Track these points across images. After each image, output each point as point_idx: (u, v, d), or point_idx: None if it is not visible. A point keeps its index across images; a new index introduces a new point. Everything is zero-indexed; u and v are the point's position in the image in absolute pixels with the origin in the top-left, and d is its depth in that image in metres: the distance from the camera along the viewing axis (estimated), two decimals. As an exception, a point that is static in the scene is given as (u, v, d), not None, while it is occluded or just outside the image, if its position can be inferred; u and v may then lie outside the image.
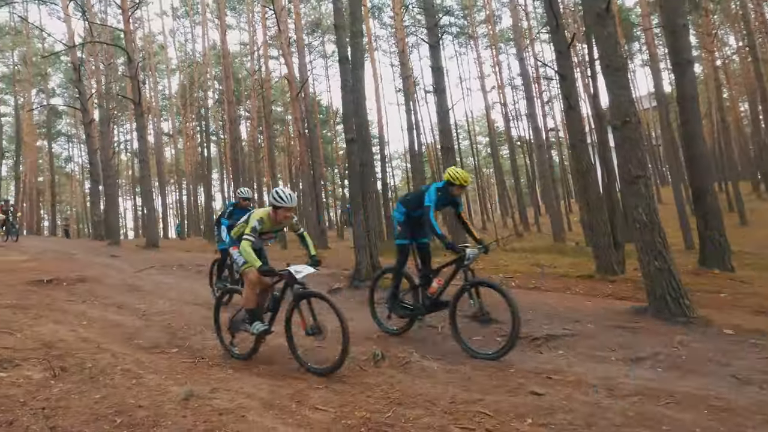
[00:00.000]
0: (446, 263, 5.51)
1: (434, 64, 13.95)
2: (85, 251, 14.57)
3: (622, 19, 29.69)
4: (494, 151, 30.38)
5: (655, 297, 5.39)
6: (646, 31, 22.73)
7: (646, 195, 5.53)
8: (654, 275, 5.41)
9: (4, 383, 3.57)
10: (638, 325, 5.22)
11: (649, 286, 5.53)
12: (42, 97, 33.32)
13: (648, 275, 5.52)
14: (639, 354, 4.47)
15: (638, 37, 32.71)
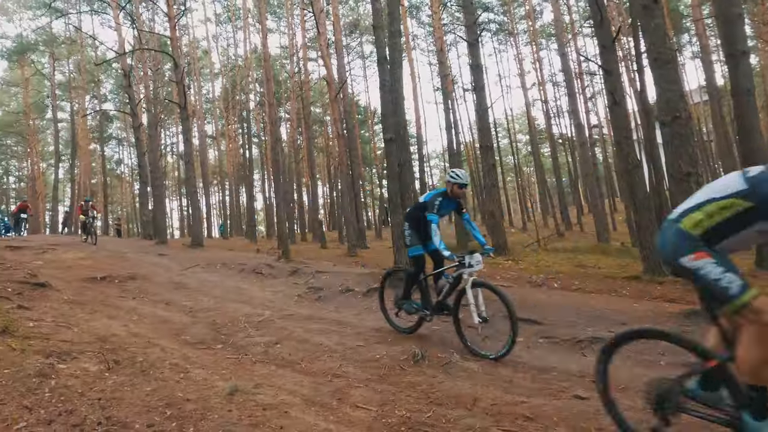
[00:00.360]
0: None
1: (473, 62, 13.81)
2: (134, 250, 15.19)
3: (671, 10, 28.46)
4: (535, 149, 29.77)
5: (708, 299, 5.14)
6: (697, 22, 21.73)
7: (697, 193, 5.29)
8: (707, 277, 5.16)
9: (63, 374, 3.76)
10: (689, 329, 5.00)
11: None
12: (95, 103, 35.03)
13: (700, 277, 5.27)
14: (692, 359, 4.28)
15: (688, 28, 31.32)
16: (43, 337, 4.72)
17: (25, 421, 2.91)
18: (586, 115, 28.22)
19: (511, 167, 42.82)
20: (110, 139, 40.58)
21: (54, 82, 33.88)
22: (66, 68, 34.54)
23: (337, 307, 7.22)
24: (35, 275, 8.60)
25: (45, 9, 28.62)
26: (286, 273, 10.12)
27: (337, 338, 5.50)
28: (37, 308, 6.30)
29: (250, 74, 31.87)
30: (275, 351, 5.20)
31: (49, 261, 11.13)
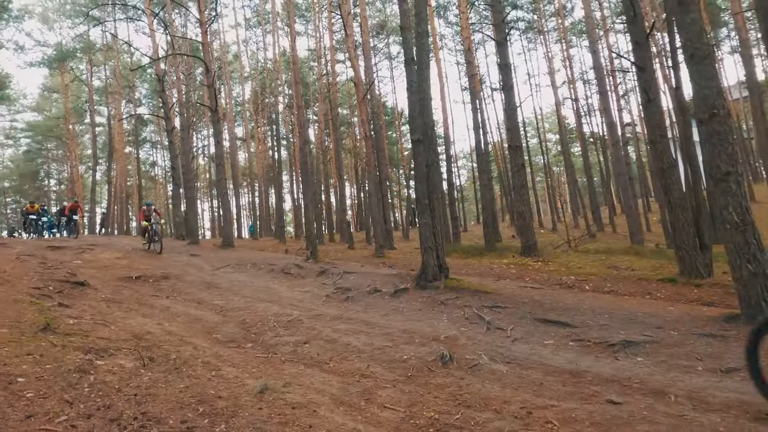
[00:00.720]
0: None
1: (501, 61, 13.66)
2: (167, 250, 15.58)
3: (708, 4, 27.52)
4: (565, 148, 29.21)
5: (749, 303, 4.96)
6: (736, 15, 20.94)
7: (737, 193, 5.10)
8: (747, 280, 4.98)
9: (101, 370, 3.89)
10: (729, 333, 4.83)
11: (741, 291, 5.10)
12: (130, 107, 36.07)
13: (740, 280, 5.09)
14: (730, 365, 4.14)
15: (726, 22, 30.25)
16: (83, 334, 4.89)
17: (66, 415, 3.02)
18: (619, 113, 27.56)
19: (540, 167, 42.15)
20: (145, 142, 41.77)
21: (92, 87, 35.07)
22: (103, 74, 35.74)
23: (365, 307, 7.25)
24: (74, 274, 8.93)
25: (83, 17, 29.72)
26: (315, 273, 10.21)
27: (365, 338, 5.52)
28: (77, 306, 6.54)
29: (279, 77, 32.29)
30: (304, 350, 5.26)
31: (87, 261, 11.52)
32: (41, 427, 2.81)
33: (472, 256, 14.05)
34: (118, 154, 34.67)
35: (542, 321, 5.71)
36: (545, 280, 9.11)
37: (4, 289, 6.36)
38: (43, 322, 4.88)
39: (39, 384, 3.44)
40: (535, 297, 6.88)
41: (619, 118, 26.98)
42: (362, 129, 18.94)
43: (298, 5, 32.28)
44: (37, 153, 42.74)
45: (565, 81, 32.94)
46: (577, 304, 6.38)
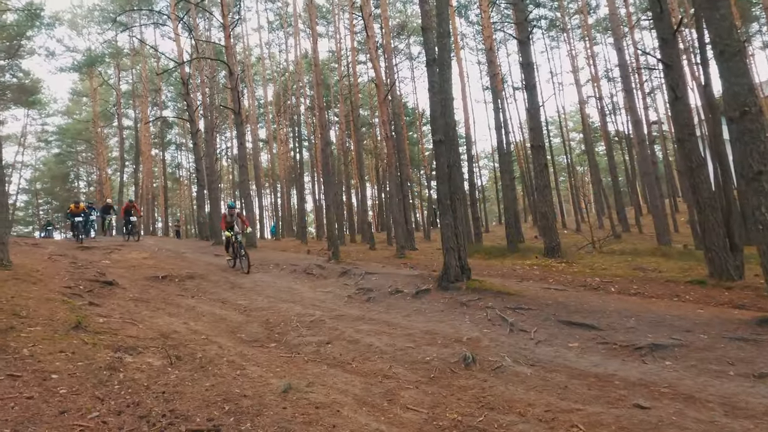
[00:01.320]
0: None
1: (524, 60, 13.52)
2: (192, 250, 15.86)
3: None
4: (589, 147, 28.66)
5: (783, 306, 4.80)
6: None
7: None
8: (781, 282, 4.83)
9: (130, 368, 3.99)
10: (762, 337, 4.69)
11: (775, 294, 4.95)
12: (156, 110, 36.84)
13: (774, 282, 4.94)
14: (763, 369, 4.02)
15: (757, 16, 29.35)
16: (112, 333, 5.02)
17: (98, 411, 3.10)
18: (645, 111, 26.88)
19: (563, 167, 41.54)
20: (170, 144, 42.60)
21: (119, 91, 35.94)
22: (130, 78, 36.58)
23: (387, 308, 7.26)
24: (104, 274, 9.16)
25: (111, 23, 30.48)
26: (336, 274, 10.26)
27: (387, 339, 5.53)
28: (106, 305, 6.71)
29: (300, 79, 32.57)
30: (326, 351, 5.29)
31: (115, 260, 11.80)
32: (74, 423, 2.89)
33: (494, 257, 13.94)
34: (145, 156, 35.42)
35: (567, 323, 5.63)
36: (569, 281, 8.98)
37: (38, 288, 6.56)
38: (74, 321, 5.02)
39: (72, 381, 3.54)
40: (559, 299, 6.79)
41: (645, 117, 26.39)
42: (383, 130, 18.97)
43: (320, 7, 32.50)
44: (68, 156, 43.97)
45: (589, 79, 32.43)
46: (603, 306, 6.27)
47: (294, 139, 34.70)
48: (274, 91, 38.16)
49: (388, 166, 19.11)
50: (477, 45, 34.41)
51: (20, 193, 43.75)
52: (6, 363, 3.72)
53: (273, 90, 38.39)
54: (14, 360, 3.80)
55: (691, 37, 21.08)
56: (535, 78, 13.81)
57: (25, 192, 45.18)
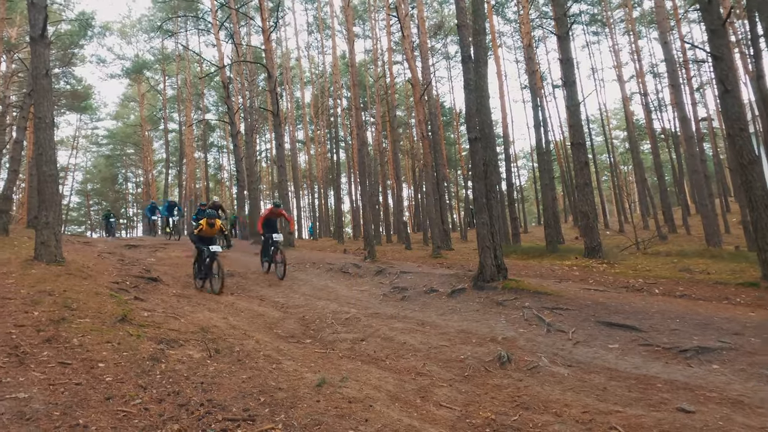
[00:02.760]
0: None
1: (563, 56, 13.20)
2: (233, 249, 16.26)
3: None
4: (633, 145, 27.71)
5: (843, 310, 4.50)
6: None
7: (829, 189, 4.65)
8: (841, 284, 4.53)
9: (172, 359, 4.13)
10: (820, 342, 4.42)
11: (834, 296, 4.64)
12: (199, 113, 38.05)
13: (833, 284, 4.64)
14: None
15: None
16: (155, 326, 5.22)
17: (140, 398, 3.23)
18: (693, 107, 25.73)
19: (606, 166, 40.30)
20: (212, 146, 43.89)
21: (165, 96, 37.37)
22: (175, 83, 37.93)
23: (422, 307, 7.24)
24: (149, 271, 9.53)
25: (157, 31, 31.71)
26: (372, 273, 10.31)
27: (421, 337, 5.52)
28: (150, 300, 6.97)
29: (337, 80, 32.92)
30: (361, 347, 5.33)
31: (160, 258, 12.24)
32: (119, 409, 3.02)
33: (532, 258, 13.67)
34: (188, 158, 36.60)
35: (606, 324, 5.46)
36: (610, 282, 8.71)
37: (88, 283, 6.88)
38: (120, 314, 5.25)
39: (117, 369, 3.71)
40: (599, 299, 6.59)
41: (693, 113, 25.29)
42: (419, 130, 18.92)
43: (356, 8, 32.75)
44: (117, 158, 46.00)
45: (633, 75, 31.34)
46: (645, 307, 6.05)
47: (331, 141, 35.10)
48: (312, 92, 38.72)
49: (424, 166, 19.04)
50: (515, 43, 33.87)
51: (73, 194, 46.06)
52: (57, 351, 3.93)
53: (311, 92, 38.98)
54: (65, 349, 4.01)
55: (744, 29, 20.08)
56: (575, 74, 13.46)
57: (77, 193, 47.53)
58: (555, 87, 33.26)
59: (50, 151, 8.32)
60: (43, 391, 3.14)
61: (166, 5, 31.76)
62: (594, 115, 38.45)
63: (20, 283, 6.20)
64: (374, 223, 25.89)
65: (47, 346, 4.03)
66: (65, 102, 32.66)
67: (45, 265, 7.55)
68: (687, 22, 28.62)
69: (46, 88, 8.50)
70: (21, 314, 4.81)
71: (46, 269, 7.20)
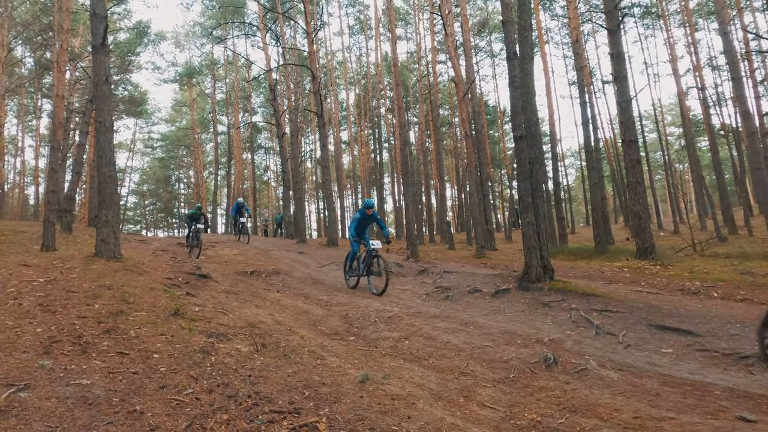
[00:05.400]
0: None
1: (613, 50, 12.75)
2: (278, 248, 16.63)
3: None
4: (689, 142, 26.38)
5: None
6: None
7: None
8: None
9: (221, 352, 4.28)
10: None
11: None
12: (246, 116, 39.18)
13: None
14: None
15: None
16: (206, 320, 5.41)
17: (192, 388, 3.37)
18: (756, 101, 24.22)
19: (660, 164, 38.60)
20: (259, 148, 45.07)
21: (214, 100, 38.70)
22: (224, 87, 39.24)
23: (465, 306, 7.18)
24: (199, 268, 9.88)
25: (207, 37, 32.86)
26: (415, 272, 10.31)
27: (465, 337, 5.47)
28: (201, 296, 7.23)
29: (381, 81, 33.08)
30: (403, 346, 5.34)
31: (209, 257, 12.69)
32: (172, 397, 3.16)
33: (580, 259, 13.27)
34: (236, 159, 37.73)
35: (659, 328, 5.24)
36: (664, 285, 8.35)
37: (143, 278, 7.22)
38: (173, 308, 5.47)
39: (170, 360, 3.87)
40: (652, 302, 6.34)
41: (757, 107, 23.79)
42: (463, 128, 18.74)
43: (398, 9, 32.80)
44: (170, 160, 48.04)
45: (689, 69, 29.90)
46: (702, 311, 5.76)
47: (375, 141, 35.31)
48: (355, 93, 39.09)
49: (467, 166, 18.86)
50: (562, 39, 33.00)
51: (130, 194, 48.45)
52: (116, 342, 4.14)
53: (354, 93, 39.34)
54: (122, 340, 4.23)
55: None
56: (626, 69, 12.96)
57: (134, 194, 49.94)
58: (605, 83, 32.13)
59: (110, 154, 8.79)
60: (103, 379, 3.32)
61: (216, 12, 32.86)
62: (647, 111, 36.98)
63: (82, 277, 6.58)
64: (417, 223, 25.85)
65: (107, 336, 4.25)
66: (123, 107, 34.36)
67: (105, 261, 7.98)
68: (750, 11, 27.01)
69: (106, 93, 8.98)
70: (83, 306, 5.10)
71: (106, 265, 7.60)
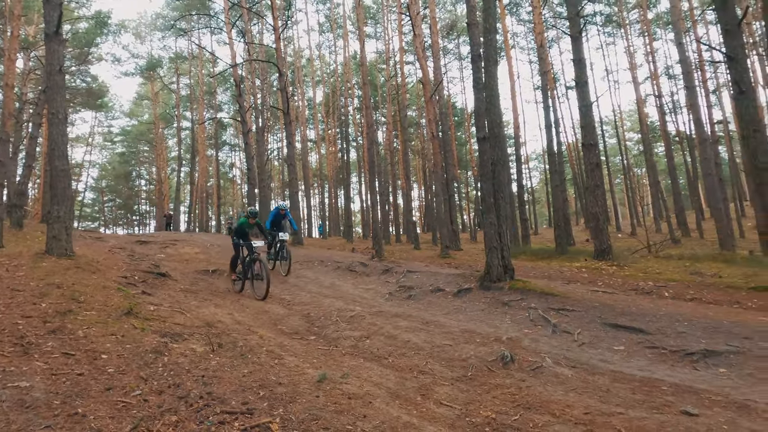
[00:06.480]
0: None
1: (575, 56, 13.10)
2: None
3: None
4: (647, 148, 27.36)
5: None
6: None
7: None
8: None
9: (175, 353, 4.16)
10: (832, 348, 4.32)
11: None
12: (211, 112, 38.35)
13: None
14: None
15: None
16: (161, 320, 5.25)
17: (140, 390, 3.25)
18: (708, 109, 25.41)
19: (619, 168, 39.88)
20: (224, 144, 44.21)
21: (178, 94, 37.70)
22: (188, 82, 38.29)
23: (427, 306, 7.21)
24: (158, 266, 9.60)
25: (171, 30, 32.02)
26: (379, 272, 10.30)
27: (425, 336, 5.50)
28: (157, 295, 7.03)
29: (349, 80, 32.98)
30: (364, 345, 5.33)
31: (169, 255, 12.35)
32: (118, 399, 3.05)
33: (541, 259, 13.58)
34: (200, 156, 36.90)
35: (613, 326, 5.40)
36: (619, 284, 8.62)
37: (96, 276, 6.95)
38: (126, 307, 5.29)
39: (119, 361, 3.74)
40: (607, 301, 6.52)
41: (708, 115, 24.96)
42: (429, 129, 18.87)
43: (368, 8, 32.77)
44: (131, 155, 46.53)
45: (648, 76, 30.98)
46: (653, 310, 5.97)
47: (342, 140, 35.18)
48: (323, 92, 38.84)
49: (434, 166, 19.00)
50: (528, 44, 33.72)
51: (87, 190, 46.71)
52: (62, 342, 3.97)
53: (322, 91, 39.10)
54: (69, 340, 4.05)
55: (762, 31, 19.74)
56: (587, 75, 13.34)
57: (92, 189, 48.17)
58: (568, 88, 33.00)
59: (63, 146, 8.43)
60: (44, 381, 3.17)
61: (180, 4, 32.04)
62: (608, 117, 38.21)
63: (30, 275, 6.29)
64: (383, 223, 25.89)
65: (52, 337, 4.07)
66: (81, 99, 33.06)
67: (55, 258, 7.65)
68: (704, 23, 28.24)
69: (60, 84, 8.62)
70: (29, 306, 4.87)
71: (56, 263, 7.29)
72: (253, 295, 7.99)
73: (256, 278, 8.16)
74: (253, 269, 8.20)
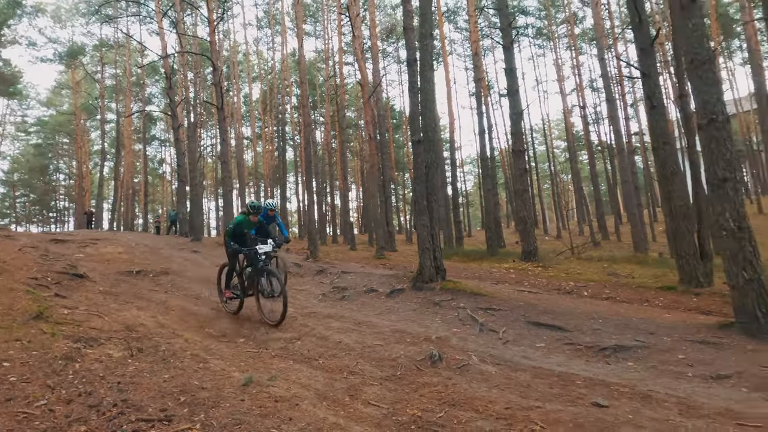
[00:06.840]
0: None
1: (507, 66, 13.65)
2: (170, 246, 15.63)
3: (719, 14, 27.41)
4: (572, 155, 29.05)
5: (744, 310, 4.89)
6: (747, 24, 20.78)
7: (734, 199, 5.04)
8: (742, 287, 4.92)
9: (88, 359, 3.91)
10: (722, 340, 4.77)
11: (736, 298, 5.04)
12: (140, 105, 36.37)
13: (736, 287, 5.03)
14: (721, 371, 4.09)
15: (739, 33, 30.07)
16: (75, 324, 4.92)
17: (46, 399, 3.03)
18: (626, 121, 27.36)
19: (547, 174, 41.96)
20: (153, 139, 42.06)
21: (103, 84, 35.42)
22: (114, 72, 36.08)
23: (360, 306, 7.24)
24: (74, 267, 8.96)
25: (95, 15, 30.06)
26: (313, 272, 10.22)
27: (357, 337, 5.51)
28: (73, 297, 6.56)
29: (287, 78, 32.45)
30: (294, 347, 5.26)
31: (89, 254, 11.56)
32: (19, 410, 2.82)
33: (472, 260, 14.01)
34: (126, 150, 34.92)
35: (535, 324, 5.67)
36: (543, 285, 9.06)
37: (2, 278, 6.40)
38: (35, 311, 4.91)
39: (23, 369, 3.46)
40: (531, 301, 6.84)
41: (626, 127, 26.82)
42: (367, 130, 18.96)
43: (308, 6, 32.42)
44: (48, 148, 43.15)
45: (574, 88, 32.86)
46: (572, 308, 6.33)
47: (279, 138, 34.55)
48: (260, 89, 37.96)
49: (370, 168, 19.10)
50: (465, 51, 34.71)
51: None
52: (-43, 350, 3.62)
53: (260, 88, 38.19)
54: (-34, 347, 3.70)
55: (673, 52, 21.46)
56: (518, 84, 13.94)
57: (2, 183, 44.26)
58: (501, 96, 34.32)
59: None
60: (-67, 393, 2.88)
61: (107, -12, 30.15)
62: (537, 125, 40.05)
63: None
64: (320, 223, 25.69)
65: (-55, 344, 3.71)
66: (-10, 85, 30.36)
67: (-46, 258, 6.96)
68: (624, 41, 30.33)
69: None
70: None
71: (-45, 263, 6.64)
72: (261, 318, 6.26)
73: (266, 296, 6.25)
74: (261, 283, 6.30)
